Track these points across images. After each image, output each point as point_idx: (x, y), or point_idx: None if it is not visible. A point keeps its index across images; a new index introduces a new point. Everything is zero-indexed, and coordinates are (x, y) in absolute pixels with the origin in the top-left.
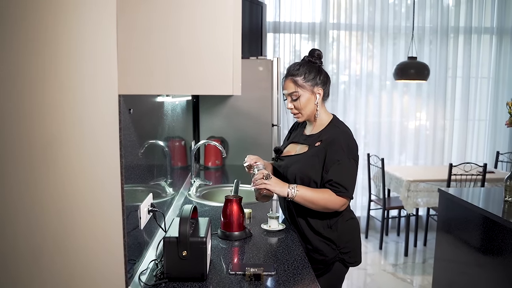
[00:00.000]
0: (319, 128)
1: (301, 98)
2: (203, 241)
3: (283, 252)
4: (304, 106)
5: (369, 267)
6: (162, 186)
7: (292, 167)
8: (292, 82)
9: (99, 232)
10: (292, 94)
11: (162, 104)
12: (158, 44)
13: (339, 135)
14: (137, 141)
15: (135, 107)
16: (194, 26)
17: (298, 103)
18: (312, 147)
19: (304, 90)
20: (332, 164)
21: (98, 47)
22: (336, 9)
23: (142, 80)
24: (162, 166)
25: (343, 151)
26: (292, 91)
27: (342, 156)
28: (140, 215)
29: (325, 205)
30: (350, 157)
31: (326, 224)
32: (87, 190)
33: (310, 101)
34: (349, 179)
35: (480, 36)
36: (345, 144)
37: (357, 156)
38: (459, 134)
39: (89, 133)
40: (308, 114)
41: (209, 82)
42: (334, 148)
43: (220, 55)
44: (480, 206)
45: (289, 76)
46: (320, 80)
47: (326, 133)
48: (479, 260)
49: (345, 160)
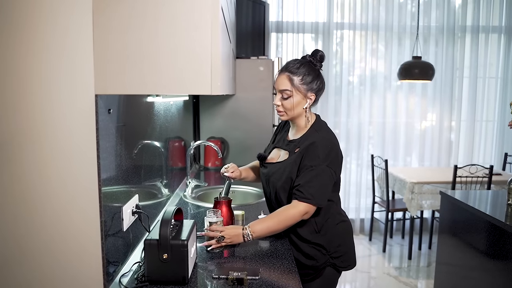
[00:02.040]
0: (301, 132)
1: (293, 98)
2: (184, 244)
3: (271, 256)
4: (292, 107)
5: (373, 270)
6: (157, 187)
7: (273, 177)
8: (288, 79)
9: (74, 235)
10: (285, 91)
11: (152, 104)
12: (135, 44)
13: (318, 141)
14: (120, 142)
15: (118, 108)
16: (171, 26)
17: (287, 102)
18: (291, 154)
19: (298, 92)
20: (305, 170)
21: (72, 45)
22: (340, 8)
23: (119, 80)
24: (156, 166)
25: (319, 158)
26: (285, 88)
27: (316, 163)
28: (122, 217)
29: (286, 224)
30: (326, 164)
31: (313, 230)
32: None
33: (300, 104)
34: (317, 186)
35: (488, 35)
36: (322, 151)
37: (335, 163)
38: (466, 135)
39: (63, 133)
40: (293, 115)
41: (186, 81)
42: (310, 154)
43: (197, 55)
44: (483, 210)
45: (286, 72)
46: (316, 85)
47: (305, 138)
48: (482, 265)
49: (320, 167)
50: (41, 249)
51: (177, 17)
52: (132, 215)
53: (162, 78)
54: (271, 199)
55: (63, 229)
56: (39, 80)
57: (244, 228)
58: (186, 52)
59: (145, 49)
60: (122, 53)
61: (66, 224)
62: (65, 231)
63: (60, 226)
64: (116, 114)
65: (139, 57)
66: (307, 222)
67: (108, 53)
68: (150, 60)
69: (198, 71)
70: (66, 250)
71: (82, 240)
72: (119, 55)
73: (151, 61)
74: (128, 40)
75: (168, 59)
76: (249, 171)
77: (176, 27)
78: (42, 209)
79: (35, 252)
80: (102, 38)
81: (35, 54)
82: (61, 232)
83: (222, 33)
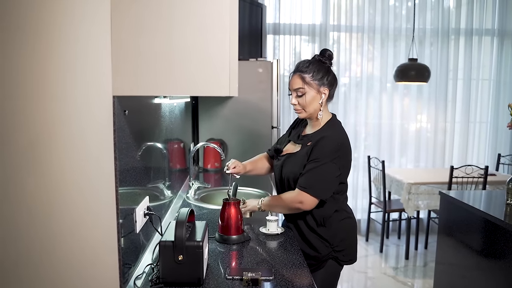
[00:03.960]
0: (316, 128)
1: (307, 95)
2: (200, 245)
3: (282, 256)
4: (309, 103)
5: (370, 271)
6: (160, 188)
7: (285, 167)
8: (300, 78)
9: (92, 237)
10: (298, 90)
11: (159, 106)
12: (153, 45)
13: (329, 135)
14: (133, 143)
15: (132, 109)
16: (191, 27)
17: (303, 99)
18: (304, 147)
19: (311, 88)
20: (310, 161)
21: (91, 46)
22: (336, 10)
23: (137, 81)
24: (160, 168)
25: (325, 152)
26: (298, 86)
27: (322, 156)
28: (135, 219)
29: (288, 205)
30: (331, 159)
31: (320, 222)
32: (79, 192)
33: (315, 99)
34: (319, 179)
35: (481, 37)
36: (330, 146)
37: (343, 161)
38: (460, 136)
39: (81, 134)
40: (311, 112)
41: (206, 83)
42: (318, 147)
43: (216, 55)
44: (482, 209)
45: (298, 72)
46: (328, 80)
47: (318, 134)
48: (480, 264)
49: (324, 160)
50: (58, 250)
51: (196, 17)
52: (144, 217)
53: (179, 79)
54: (284, 188)
55: (80, 230)
56: (57, 82)
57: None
58: (204, 53)
59: (165, 49)
60: (139, 54)
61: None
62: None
63: (77, 227)
64: (130, 116)
65: (159, 57)
66: (313, 215)
67: (125, 54)
68: (167, 61)
69: (217, 72)
70: (82, 252)
71: (99, 242)
72: (136, 55)
73: (168, 61)
74: (148, 40)
75: (185, 59)
76: (255, 163)
77: (196, 27)
78: (59, 211)
79: (51, 254)
80: (119, 38)
81: (54, 56)
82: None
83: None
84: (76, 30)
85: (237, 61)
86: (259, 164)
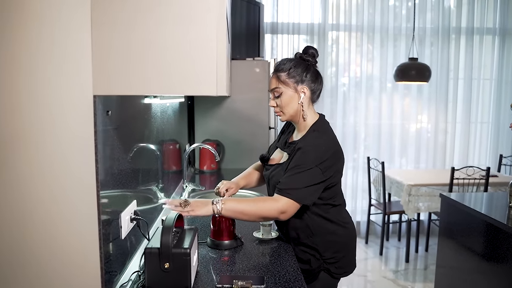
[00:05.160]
0: (302, 133)
1: (283, 95)
2: (187, 252)
3: (275, 263)
4: (286, 104)
5: (369, 274)
6: (153, 191)
7: (273, 179)
8: (276, 77)
9: (71, 245)
10: (274, 90)
11: (149, 106)
12: (137, 42)
13: (313, 140)
14: (119, 145)
15: (117, 109)
16: (176, 24)
17: (280, 100)
18: (291, 156)
19: (287, 87)
20: (291, 167)
21: (70, 43)
22: (335, 9)
23: (119, 80)
24: (151, 170)
25: (309, 157)
26: (274, 86)
27: (305, 162)
28: (120, 224)
29: (259, 214)
30: (316, 164)
31: (309, 233)
32: (54, 199)
33: (292, 99)
34: (300, 183)
35: (482, 37)
36: (315, 151)
37: (330, 165)
38: (461, 137)
39: (59, 136)
40: (290, 113)
41: (191, 82)
42: (302, 152)
43: (203, 54)
44: (483, 212)
45: (274, 72)
46: (307, 77)
47: (303, 139)
48: (482, 267)
49: (308, 166)
50: (37, 257)
51: (181, 13)
52: (131, 222)
53: (164, 78)
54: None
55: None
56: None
57: (214, 200)
58: (189, 50)
59: (145, 47)
60: (122, 52)
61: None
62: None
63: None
64: (114, 116)
65: (139, 55)
66: (303, 225)
67: (107, 52)
68: (151, 59)
69: (203, 71)
70: (62, 259)
71: (78, 250)
72: (119, 53)
73: (151, 59)
74: (130, 38)
75: (170, 58)
76: (248, 178)
77: (180, 24)
78: (38, 215)
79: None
80: (100, 35)
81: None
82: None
83: (225, 33)
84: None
85: (225, 59)
86: (252, 177)
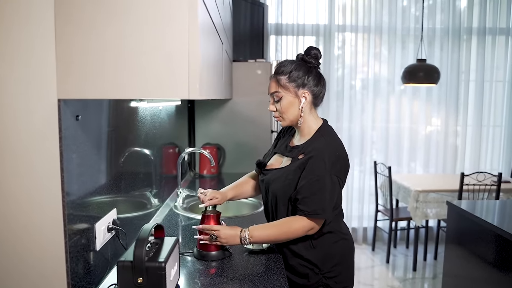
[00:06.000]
0: (305, 137)
1: (282, 100)
2: (161, 266)
3: (263, 277)
4: (286, 109)
5: (376, 282)
6: (147, 196)
7: (273, 184)
8: (275, 81)
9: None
10: (274, 94)
11: (135, 110)
12: (101, 43)
13: (324, 146)
14: (93, 152)
15: (91, 114)
16: (144, 24)
17: (280, 105)
18: (295, 160)
19: (287, 92)
20: (309, 179)
21: (32, 45)
22: (341, 10)
23: (86, 83)
24: (140, 175)
25: (325, 166)
26: (273, 90)
27: (322, 172)
28: (95, 235)
29: (287, 237)
30: (333, 173)
31: (309, 245)
32: (19, 208)
33: (292, 104)
34: (324, 198)
35: (495, 37)
36: (328, 158)
37: (343, 172)
38: (472, 140)
39: (21, 144)
40: (291, 119)
41: (161, 84)
42: (315, 161)
43: (173, 55)
44: (491, 221)
45: (274, 75)
46: (308, 81)
47: (310, 144)
48: (491, 278)
49: (326, 176)
50: None
51: (150, 14)
52: (108, 232)
53: (133, 81)
54: (271, 208)
55: (22, 249)
56: None
57: (242, 230)
58: (161, 53)
59: (113, 49)
60: (88, 54)
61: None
62: (25, 252)
63: (19, 245)
64: (91, 121)
65: (107, 57)
66: (305, 237)
67: (73, 54)
68: (119, 61)
69: (174, 73)
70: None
71: (43, 265)
72: (85, 55)
73: (119, 62)
74: (94, 38)
75: (140, 60)
76: (239, 188)
77: (150, 25)
78: None
79: None
80: (65, 36)
81: None
82: (20, 252)
83: (206, 33)
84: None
85: (199, 59)
86: (245, 187)
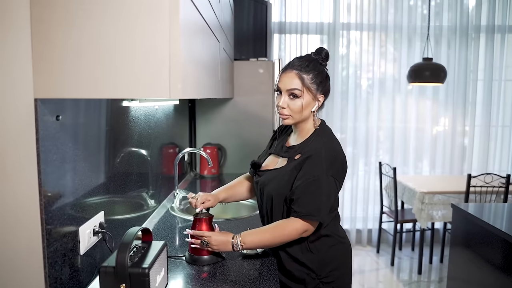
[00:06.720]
0: (303, 137)
1: (301, 99)
2: (145, 273)
3: (255, 283)
4: (299, 110)
5: (380, 285)
6: (143, 197)
7: (269, 185)
8: (298, 77)
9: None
10: (294, 91)
11: (127, 109)
12: (79, 40)
13: (321, 147)
14: (76, 153)
15: (75, 114)
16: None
17: (295, 104)
18: (291, 161)
19: (309, 92)
20: (305, 179)
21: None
22: (346, 8)
23: (65, 82)
24: (134, 176)
25: (322, 167)
26: (294, 87)
27: (319, 172)
28: (79, 239)
29: (281, 240)
30: (329, 174)
31: (305, 248)
32: None
33: (309, 106)
34: (320, 200)
35: (504, 35)
36: (326, 159)
37: (340, 174)
38: (480, 141)
39: None
40: (298, 119)
41: (141, 84)
42: (312, 161)
43: (153, 51)
44: (499, 226)
45: (294, 70)
46: (325, 87)
47: (307, 144)
48: (497, 282)
49: (323, 177)
50: None
51: (130, 11)
52: (94, 235)
53: (113, 80)
54: (265, 211)
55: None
56: None
57: (234, 237)
58: (140, 51)
59: (91, 46)
60: (66, 52)
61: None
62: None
63: None
64: (76, 121)
65: (84, 56)
66: (299, 239)
67: (50, 52)
68: (98, 59)
69: (155, 72)
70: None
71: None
72: (63, 53)
73: (99, 60)
74: (71, 36)
75: (119, 58)
76: (232, 189)
77: (129, 22)
78: None
79: None
80: (42, 34)
81: None
82: None
83: (194, 31)
84: None
85: (182, 57)
86: (239, 188)
